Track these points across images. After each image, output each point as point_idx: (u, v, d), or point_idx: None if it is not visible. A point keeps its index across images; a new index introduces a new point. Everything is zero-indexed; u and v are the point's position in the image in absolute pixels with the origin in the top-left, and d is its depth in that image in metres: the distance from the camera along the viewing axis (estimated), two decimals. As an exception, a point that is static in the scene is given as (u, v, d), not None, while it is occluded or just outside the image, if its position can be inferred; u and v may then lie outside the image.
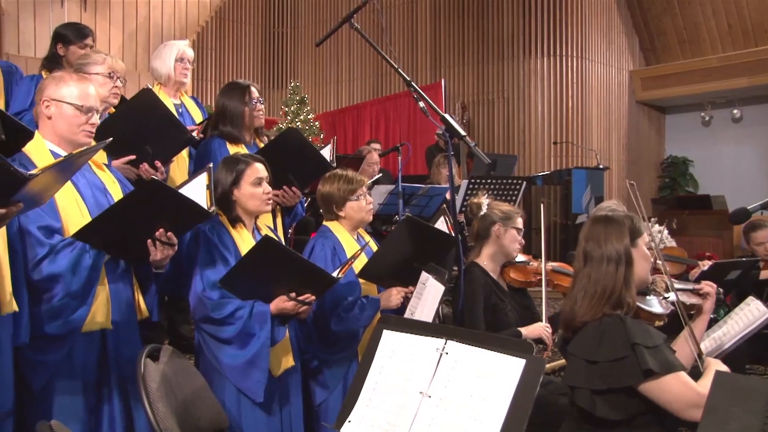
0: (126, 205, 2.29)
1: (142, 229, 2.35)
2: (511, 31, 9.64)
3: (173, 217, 2.38)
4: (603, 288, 2.18)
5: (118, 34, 10.01)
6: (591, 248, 2.25)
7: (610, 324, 2.13)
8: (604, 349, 2.10)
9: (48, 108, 2.43)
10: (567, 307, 2.28)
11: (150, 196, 2.29)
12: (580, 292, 2.23)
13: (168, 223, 2.38)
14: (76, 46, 4.00)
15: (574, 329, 2.24)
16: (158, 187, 2.31)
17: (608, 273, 2.19)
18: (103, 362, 2.43)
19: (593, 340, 2.14)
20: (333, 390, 3.04)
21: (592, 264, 2.23)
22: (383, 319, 1.80)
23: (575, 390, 2.17)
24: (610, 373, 2.07)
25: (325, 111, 11.32)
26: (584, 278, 2.24)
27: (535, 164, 9.44)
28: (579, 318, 2.21)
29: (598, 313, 2.17)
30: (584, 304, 2.20)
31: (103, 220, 2.27)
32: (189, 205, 2.38)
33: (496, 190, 5.21)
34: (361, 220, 3.23)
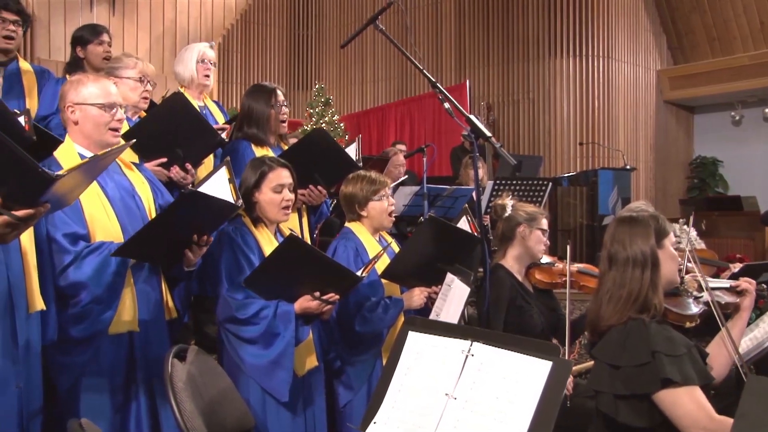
0: (164, 220, 2.34)
1: (179, 237, 2.39)
2: (536, 31, 9.58)
3: (207, 218, 2.42)
4: (629, 292, 2.14)
5: (146, 37, 10.13)
6: (616, 250, 2.21)
7: (634, 329, 2.09)
8: (627, 354, 2.06)
9: (73, 113, 2.47)
10: (592, 311, 2.25)
11: (187, 207, 2.33)
12: (605, 295, 2.19)
13: (203, 225, 2.41)
14: (93, 45, 4.07)
15: (599, 333, 2.21)
16: (192, 196, 2.35)
17: (634, 276, 2.15)
18: (131, 363, 2.46)
19: (617, 344, 2.10)
20: (358, 391, 3.04)
21: (617, 267, 2.20)
22: (408, 320, 1.79)
23: (599, 394, 2.15)
24: (632, 378, 2.04)
25: (350, 112, 11.34)
26: (609, 281, 2.20)
27: (561, 165, 9.36)
28: (604, 322, 2.17)
29: (623, 316, 2.13)
30: (609, 308, 2.17)
31: (142, 237, 2.31)
32: (221, 205, 2.42)
33: (522, 191, 5.17)
34: (381, 222, 3.24)
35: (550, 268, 3.37)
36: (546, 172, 8.95)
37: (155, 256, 2.45)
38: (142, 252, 2.38)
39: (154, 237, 2.33)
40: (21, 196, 1.63)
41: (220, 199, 2.40)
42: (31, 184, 1.61)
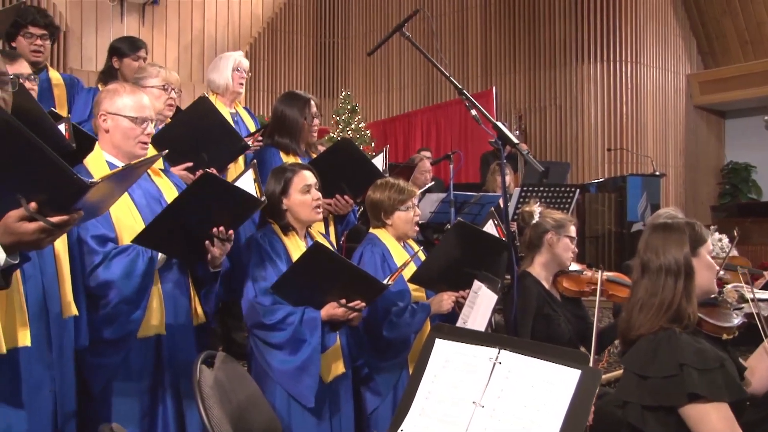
0: (182, 203, 2.33)
1: (200, 226, 2.40)
2: (563, 37, 9.52)
3: (228, 210, 2.42)
4: (661, 301, 2.10)
5: (174, 46, 10.27)
6: (648, 258, 2.17)
7: (664, 339, 2.04)
8: (655, 365, 2.02)
9: (105, 121, 2.52)
10: (624, 320, 2.21)
11: (203, 189, 2.33)
12: (636, 304, 2.15)
13: (224, 217, 2.41)
14: (130, 59, 4.15)
15: (629, 341, 2.17)
16: (211, 179, 2.35)
17: (667, 285, 2.11)
18: (158, 367, 2.49)
19: (646, 354, 2.06)
20: (385, 397, 3.04)
21: (650, 275, 2.15)
22: (436, 327, 1.79)
23: (627, 404, 2.11)
24: (660, 390, 1.99)
25: (376, 119, 11.38)
26: (641, 290, 2.16)
27: (589, 171, 9.28)
28: (635, 331, 2.13)
29: (654, 326, 2.09)
30: (641, 317, 2.12)
31: (162, 221, 2.32)
32: (241, 195, 2.43)
33: (549, 198, 5.14)
34: (405, 232, 3.24)
35: (579, 276, 3.34)
36: (573, 179, 8.88)
37: (175, 246, 2.44)
38: (161, 240, 2.38)
39: (173, 223, 2.33)
40: (56, 203, 1.66)
41: (239, 188, 2.42)
42: (66, 191, 1.64)
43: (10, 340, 1.86)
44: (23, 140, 1.57)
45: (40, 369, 1.97)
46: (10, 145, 1.58)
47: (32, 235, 1.66)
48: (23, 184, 1.64)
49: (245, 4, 11.04)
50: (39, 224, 1.65)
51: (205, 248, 2.42)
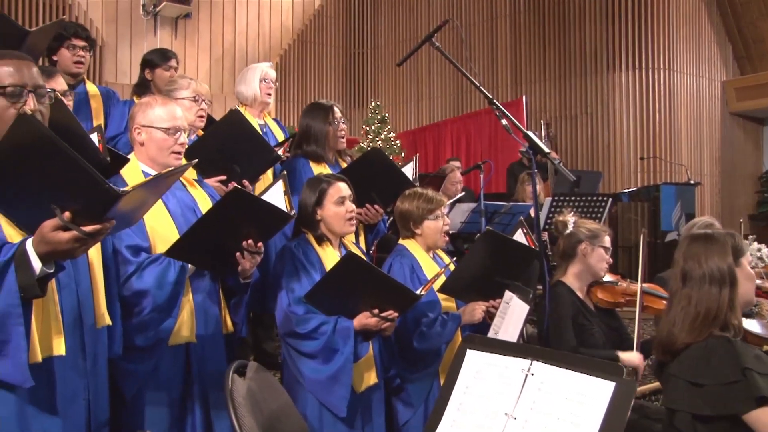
0: (212, 218, 2.35)
1: (230, 240, 2.41)
2: (593, 44, 9.45)
3: (257, 223, 2.44)
4: (706, 310, 2.06)
5: (206, 59, 10.43)
6: (690, 267, 2.13)
7: (718, 346, 2.00)
8: (711, 372, 1.97)
9: (139, 134, 2.58)
10: (664, 330, 2.17)
11: (233, 204, 2.34)
12: (679, 314, 2.11)
13: (253, 230, 2.43)
14: (161, 69, 4.24)
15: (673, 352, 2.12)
16: (241, 195, 2.37)
17: (711, 294, 2.07)
18: (188, 376, 2.50)
19: (699, 361, 2.01)
20: (417, 409, 3.02)
21: (692, 284, 2.11)
22: (467, 338, 1.77)
23: (675, 413, 2.06)
24: (718, 398, 1.94)
25: (406, 130, 11.40)
26: (683, 299, 2.12)
27: (621, 180, 9.17)
28: (680, 340, 2.09)
29: (702, 334, 2.04)
30: (685, 327, 2.08)
31: (192, 235, 2.34)
32: (271, 210, 2.43)
33: (581, 207, 5.09)
34: (435, 241, 3.22)
35: (613, 287, 3.29)
36: (605, 188, 8.78)
37: (206, 259, 2.47)
38: (192, 253, 2.41)
39: (203, 237, 2.35)
40: (89, 212, 1.69)
41: (267, 203, 2.43)
42: (98, 200, 1.66)
43: (45, 348, 1.89)
44: (57, 151, 1.60)
45: (74, 377, 2.00)
46: (45, 156, 1.62)
47: (66, 244, 1.69)
48: (58, 194, 1.67)
49: (275, 16, 11.17)
50: (73, 233, 1.67)
51: (235, 260, 2.44)
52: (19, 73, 1.94)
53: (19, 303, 1.76)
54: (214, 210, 2.37)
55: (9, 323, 1.75)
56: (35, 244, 1.73)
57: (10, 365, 1.77)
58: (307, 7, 11.56)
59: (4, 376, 1.79)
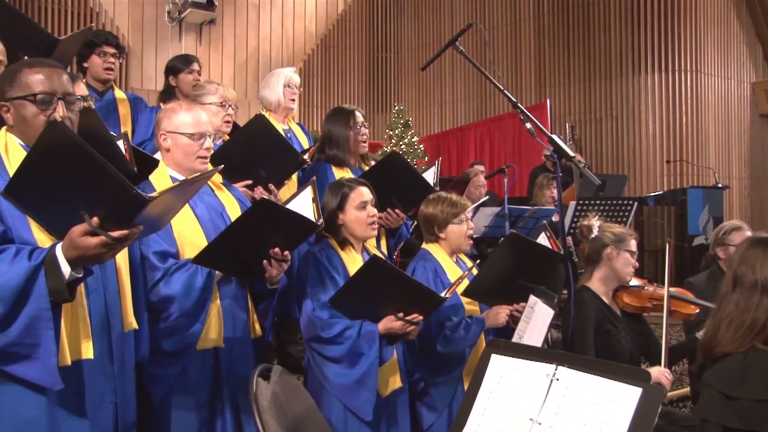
0: (240, 226, 2.37)
1: (257, 248, 2.43)
2: (618, 46, 9.36)
3: (285, 233, 2.45)
4: (753, 320, 1.99)
5: (230, 64, 10.51)
6: (743, 272, 2.07)
7: (758, 360, 1.94)
8: (746, 386, 1.92)
9: (165, 140, 2.60)
10: (708, 333, 2.12)
11: (261, 215, 2.36)
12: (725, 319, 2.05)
13: (281, 239, 2.44)
14: (184, 74, 4.31)
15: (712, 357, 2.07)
16: (268, 206, 2.38)
17: (760, 305, 2.00)
18: (217, 379, 2.52)
19: (735, 374, 1.96)
20: (441, 413, 3.01)
21: (742, 290, 2.05)
22: (491, 343, 1.77)
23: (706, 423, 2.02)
24: (751, 413, 1.89)
25: (429, 134, 11.38)
26: (731, 305, 2.06)
27: (647, 184, 9.07)
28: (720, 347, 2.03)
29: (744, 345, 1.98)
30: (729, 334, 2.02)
31: (220, 244, 2.36)
32: (299, 220, 2.44)
33: (606, 211, 5.04)
34: (459, 245, 3.22)
35: (640, 292, 3.25)
36: (630, 192, 8.69)
37: (233, 266, 2.49)
38: (219, 260, 2.43)
39: (230, 245, 2.37)
40: (117, 218, 1.72)
41: (295, 213, 2.43)
42: (126, 205, 1.69)
43: (74, 352, 1.92)
44: (86, 157, 1.63)
45: (102, 381, 2.02)
46: (74, 162, 1.65)
47: (95, 249, 1.72)
48: (86, 199, 1.70)
49: (299, 22, 11.23)
50: (101, 239, 1.70)
51: (262, 267, 2.46)
52: (50, 81, 1.98)
53: (49, 307, 1.79)
54: (241, 220, 2.38)
55: (39, 327, 1.79)
56: (64, 249, 1.76)
57: (40, 368, 1.81)
58: (330, 12, 11.61)
59: (34, 378, 1.83)
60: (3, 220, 1.86)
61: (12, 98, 1.97)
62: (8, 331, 1.77)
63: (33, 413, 1.86)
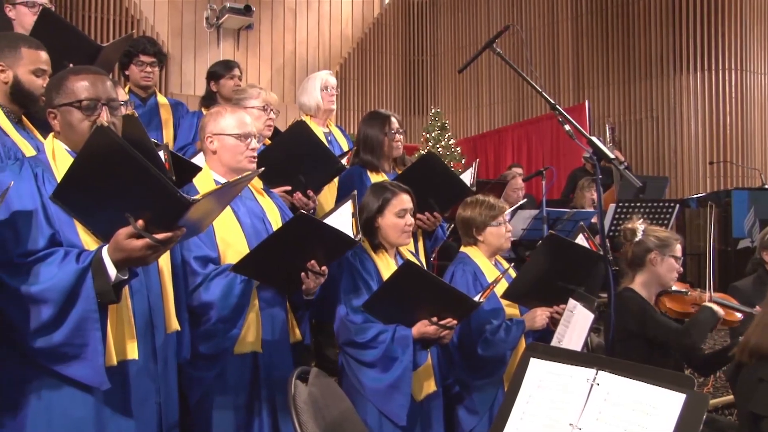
0: (278, 239, 2.39)
1: (294, 260, 2.45)
2: (659, 46, 9.20)
3: (323, 246, 2.47)
4: None
5: (267, 69, 10.63)
6: None
7: None
8: None
9: (212, 143, 2.64)
10: (755, 334, 2.08)
11: (300, 229, 2.38)
12: None
13: (318, 253, 2.46)
14: (225, 79, 4.38)
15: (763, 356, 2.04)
16: (307, 220, 2.40)
17: None
18: (255, 382, 2.54)
19: None
20: (482, 417, 3.00)
21: None
22: (530, 346, 1.75)
23: (762, 419, 1.98)
24: None
25: (466, 136, 11.34)
26: None
27: (689, 186, 8.89)
28: None
29: None
30: None
31: (258, 254, 2.39)
32: (337, 235, 2.45)
33: (647, 213, 4.96)
34: (498, 247, 3.21)
35: (683, 297, 3.19)
36: (672, 194, 8.53)
37: (271, 277, 2.51)
38: (257, 270, 2.45)
39: (269, 256, 2.40)
40: (161, 221, 1.75)
41: (333, 228, 2.44)
42: (170, 208, 1.72)
43: (119, 352, 1.96)
44: (131, 160, 1.67)
45: (146, 381, 2.06)
46: (120, 165, 1.69)
47: (139, 252, 1.76)
48: (131, 202, 1.74)
49: (335, 26, 11.30)
50: (146, 241, 1.74)
51: (299, 279, 2.48)
52: (94, 87, 2.03)
53: (97, 308, 1.83)
54: (280, 232, 2.41)
55: (87, 327, 1.83)
56: (110, 252, 1.80)
57: (88, 368, 1.85)
58: (366, 16, 11.66)
59: (83, 378, 1.87)
60: (52, 224, 1.91)
61: (59, 105, 2.03)
62: (58, 332, 1.82)
63: (81, 413, 1.91)
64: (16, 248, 1.86)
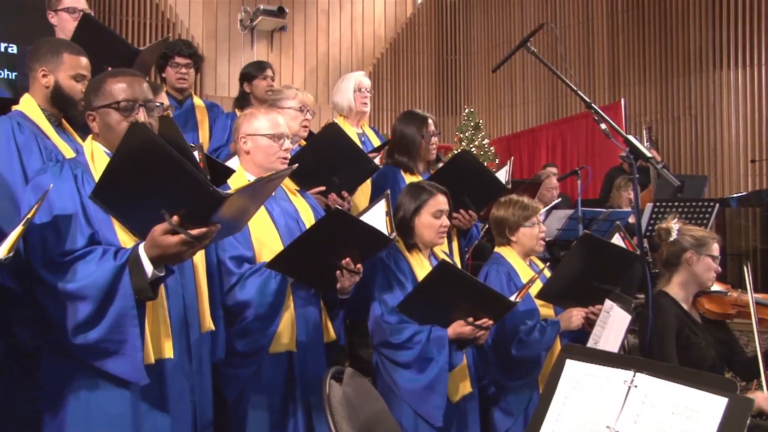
0: (313, 235, 2.41)
1: (329, 258, 2.46)
2: (698, 41, 9.00)
3: (357, 244, 2.47)
4: None
5: (300, 70, 10.69)
6: None
7: None
8: None
9: (245, 143, 2.67)
10: None
11: (335, 225, 2.39)
12: None
13: (353, 250, 2.46)
14: (258, 80, 4.42)
15: None
16: (342, 216, 2.41)
17: None
18: (290, 381, 2.56)
19: None
20: (517, 418, 2.97)
21: None
22: (566, 348, 1.73)
23: None
24: None
25: (500, 136, 11.26)
26: None
27: (729, 185, 8.68)
28: None
29: None
30: None
31: (293, 250, 2.41)
32: (372, 233, 2.46)
33: (685, 213, 4.86)
34: (531, 248, 3.20)
35: (722, 298, 3.11)
36: (711, 193, 8.34)
37: (305, 274, 2.53)
38: (292, 267, 2.47)
39: (303, 253, 2.41)
40: (195, 217, 1.77)
41: (368, 225, 2.45)
42: (204, 204, 1.75)
43: (156, 351, 1.99)
44: (166, 156, 1.70)
45: (181, 379, 2.09)
46: (155, 162, 1.71)
47: (175, 248, 1.78)
48: (166, 199, 1.76)
49: (368, 26, 11.32)
50: (181, 237, 1.76)
51: (334, 277, 2.49)
52: (131, 89, 2.08)
53: (134, 305, 1.87)
54: (314, 228, 2.42)
55: (125, 324, 1.86)
56: (147, 248, 1.83)
57: (127, 363, 1.89)
58: (399, 16, 11.65)
59: (122, 373, 1.91)
60: (91, 224, 1.95)
61: (98, 107, 2.08)
62: (97, 328, 1.86)
63: (119, 409, 1.94)
64: (57, 248, 1.90)
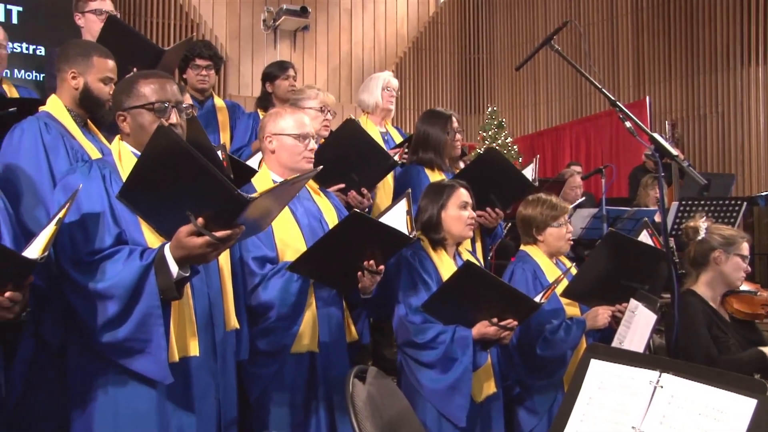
0: (333, 238, 2.42)
1: (350, 259, 2.47)
2: (725, 39, 8.87)
3: (378, 245, 2.48)
4: None
5: (323, 69, 10.72)
6: None
7: None
8: None
9: (270, 143, 2.68)
10: None
11: (354, 228, 2.40)
12: None
13: (374, 251, 2.47)
14: (280, 80, 4.44)
15: None
16: (361, 219, 2.42)
17: None
18: (312, 381, 2.57)
19: None
20: (542, 418, 2.96)
21: None
22: (591, 347, 1.72)
23: None
24: None
25: (523, 134, 11.20)
26: None
27: (757, 183, 8.55)
28: None
29: None
30: None
31: (314, 253, 2.42)
32: (391, 233, 2.46)
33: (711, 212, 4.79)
34: (558, 248, 3.18)
35: (752, 298, 3.07)
36: (738, 192, 8.22)
37: (328, 275, 2.54)
38: (314, 269, 2.48)
39: (324, 255, 2.42)
40: (220, 219, 1.79)
41: (387, 226, 2.46)
42: (228, 206, 1.76)
43: (181, 349, 2.01)
44: (191, 159, 1.71)
45: (206, 377, 2.10)
46: (180, 164, 1.73)
47: (200, 249, 1.80)
48: (192, 201, 1.78)
49: (390, 26, 11.32)
50: (206, 239, 1.78)
51: (356, 278, 2.49)
52: (163, 90, 2.10)
53: (160, 304, 1.89)
54: (334, 231, 2.43)
55: (151, 323, 1.89)
56: (172, 249, 1.85)
57: (152, 362, 1.91)
58: (421, 15, 11.64)
59: (147, 372, 1.93)
60: (118, 224, 1.98)
61: (129, 108, 2.10)
62: (123, 327, 1.88)
63: (145, 406, 1.97)
64: (85, 247, 1.93)
